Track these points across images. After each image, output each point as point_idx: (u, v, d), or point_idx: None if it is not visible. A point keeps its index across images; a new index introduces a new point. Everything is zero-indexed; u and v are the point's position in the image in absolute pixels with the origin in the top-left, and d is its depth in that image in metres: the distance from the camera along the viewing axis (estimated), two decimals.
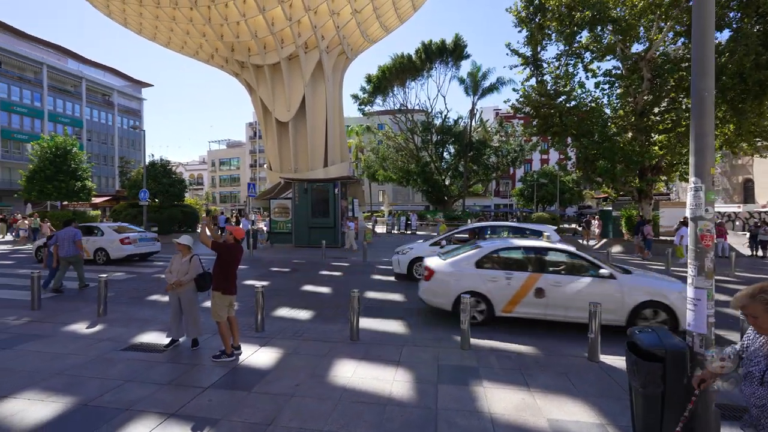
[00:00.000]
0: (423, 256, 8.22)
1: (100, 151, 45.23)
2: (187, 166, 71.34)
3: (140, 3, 24.01)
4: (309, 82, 27.21)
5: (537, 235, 8.64)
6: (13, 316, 6.10)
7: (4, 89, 36.63)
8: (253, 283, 8.99)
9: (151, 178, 19.12)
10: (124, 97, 49.73)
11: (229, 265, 4.41)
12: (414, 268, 9.11)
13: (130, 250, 11.72)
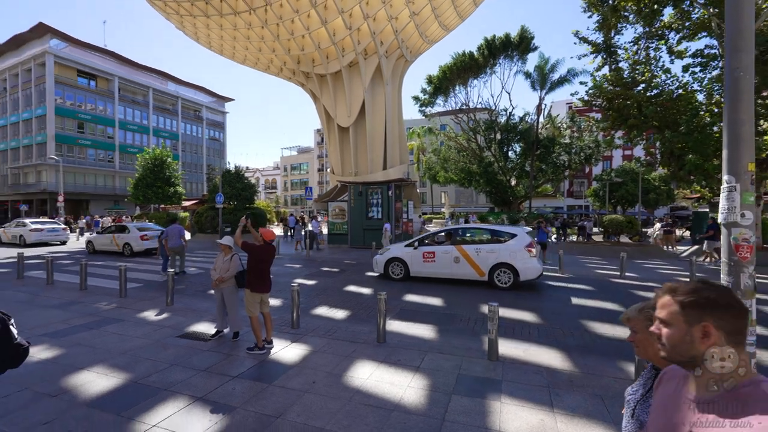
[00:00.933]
0: (398, 255, 9.46)
1: (191, 160, 51.52)
2: (263, 172, 77.71)
3: (221, 27, 26.85)
4: (368, 88, 27.90)
5: (508, 237, 8.64)
6: (105, 302, 7.25)
7: (121, 111, 43.69)
8: (302, 281, 9.52)
9: (227, 184, 21.31)
10: (210, 112, 56.10)
11: (258, 265, 4.73)
12: (390, 267, 9.60)
13: (148, 245, 14.45)
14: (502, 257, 8.32)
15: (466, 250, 8.71)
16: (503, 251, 8.37)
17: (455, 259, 8.78)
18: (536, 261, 8.31)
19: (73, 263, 12.62)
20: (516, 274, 8.17)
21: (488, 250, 8.54)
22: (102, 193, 42.33)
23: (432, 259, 9.06)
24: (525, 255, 8.17)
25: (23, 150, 40.53)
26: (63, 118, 39.07)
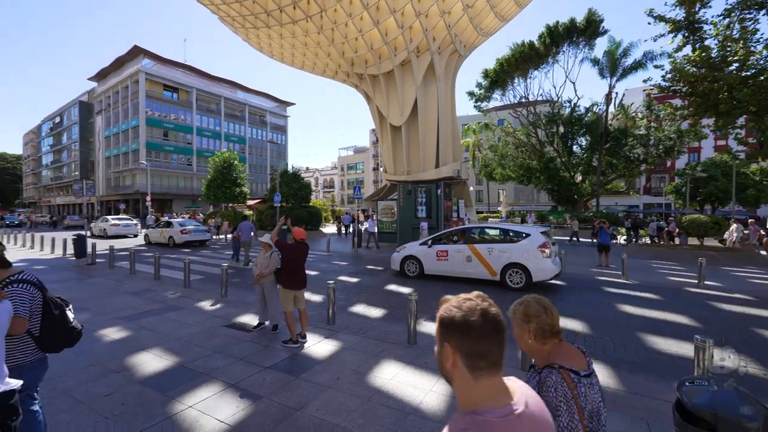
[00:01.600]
0: (413, 253, 9.69)
1: (257, 162, 55.46)
2: (321, 172, 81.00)
3: (281, 36, 28.50)
4: (421, 85, 27.68)
5: (521, 236, 8.45)
6: (172, 291, 8.11)
7: (198, 119, 48.46)
8: (345, 279, 9.76)
9: (284, 184, 22.61)
10: (273, 116, 59.90)
11: (289, 263, 4.95)
12: (405, 265, 9.85)
13: (187, 237, 17.49)
14: (514, 257, 8.20)
15: (478, 250, 8.65)
16: (515, 251, 8.24)
17: (467, 258, 8.75)
18: (550, 262, 8.01)
19: (150, 255, 14.32)
20: (528, 275, 7.99)
21: (500, 249, 8.43)
22: (183, 193, 47.35)
23: (445, 258, 9.11)
24: (538, 255, 7.96)
25: (122, 157, 46.86)
26: (152, 127, 44.43)
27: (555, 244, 8.88)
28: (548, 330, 1.40)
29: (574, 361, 1.38)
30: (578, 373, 1.33)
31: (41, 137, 69.96)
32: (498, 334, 0.92)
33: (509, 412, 0.87)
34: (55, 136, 64.55)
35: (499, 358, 0.92)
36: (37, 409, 2.60)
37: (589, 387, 1.33)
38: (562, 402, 1.25)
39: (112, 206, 47.35)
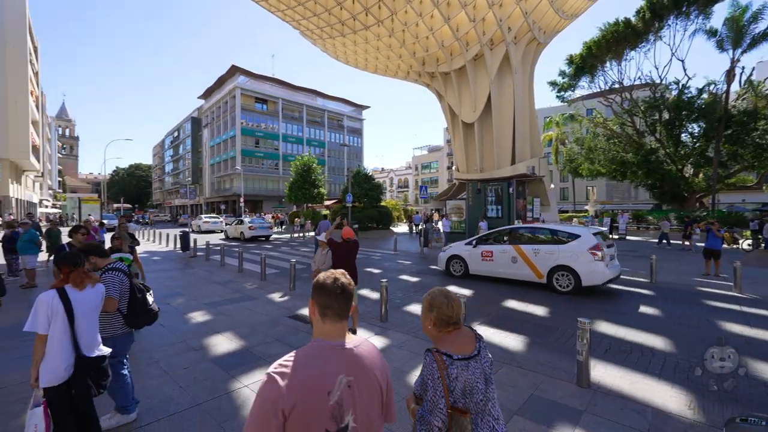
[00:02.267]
0: (458, 253, 9.66)
1: (335, 164, 58.62)
2: (396, 172, 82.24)
3: (354, 43, 29.74)
4: (495, 79, 26.46)
5: (570, 237, 7.99)
6: (250, 282, 9.08)
7: (284, 127, 53.05)
8: (406, 278, 9.84)
9: (356, 184, 23.57)
10: (350, 120, 62.71)
11: (339, 260, 5.19)
12: (451, 264, 9.83)
13: (253, 233, 21.15)
14: (561, 259, 7.82)
15: (523, 250, 8.43)
16: (563, 253, 7.83)
17: (512, 259, 8.57)
18: (602, 265, 7.47)
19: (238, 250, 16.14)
20: (577, 278, 7.55)
21: (547, 250, 8.09)
22: (272, 194, 52.33)
23: (490, 258, 9.00)
24: (588, 258, 7.51)
25: (223, 163, 53.57)
26: (246, 136, 49.96)
27: (612, 246, 8.22)
28: (446, 320, 1.61)
29: (457, 346, 1.57)
30: (451, 357, 1.52)
31: (164, 149, 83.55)
32: (340, 294, 1.30)
33: (340, 345, 1.26)
34: (174, 148, 76.54)
35: (342, 312, 1.30)
36: (125, 373, 3.19)
37: (463, 368, 1.51)
38: (429, 379, 1.50)
39: (216, 207, 54.47)
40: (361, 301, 7.32)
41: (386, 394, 1.34)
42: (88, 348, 2.57)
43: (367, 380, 1.27)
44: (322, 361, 1.21)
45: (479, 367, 1.55)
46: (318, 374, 1.18)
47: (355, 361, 1.26)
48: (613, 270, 7.69)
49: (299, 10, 27.73)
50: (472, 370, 1.52)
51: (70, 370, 2.48)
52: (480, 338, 1.65)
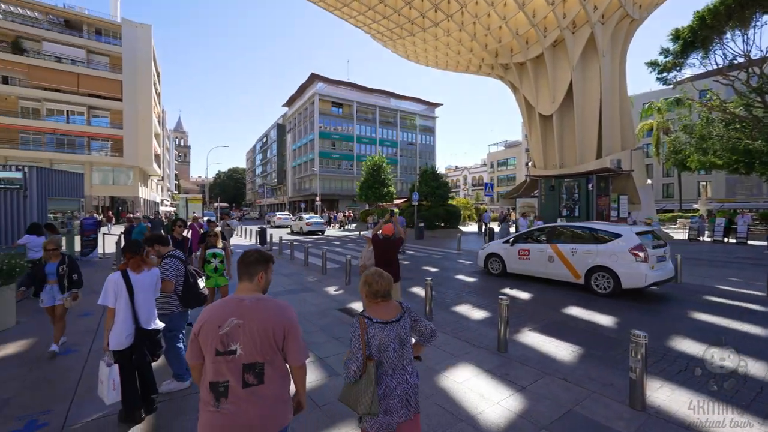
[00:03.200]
0: (496, 251, 9.68)
1: (407, 164, 59.07)
2: (470, 170, 79.81)
3: (424, 41, 29.62)
4: (577, 65, 24.09)
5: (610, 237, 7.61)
6: (312, 276, 9.70)
7: (357, 128, 55.18)
8: (462, 278, 9.55)
9: (423, 183, 23.44)
10: (422, 119, 62.55)
11: (379, 255, 5.27)
12: (489, 262, 9.92)
13: (309, 228, 24.69)
14: (600, 259, 7.50)
15: (561, 250, 8.18)
16: (602, 253, 7.50)
17: (549, 258, 8.37)
18: (645, 267, 7.00)
19: (309, 246, 17.28)
20: (617, 280, 7.19)
21: (585, 250, 7.79)
22: (346, 194, 54.84)
23: (527, 257, 8.89)
24: (629, 259, 7.10)
25: (303, 165, 57.76)
26: (323, 139, 53.13)
27: (662, 247, 7.62)
28: (374, 293, 2.06)
29: (380, 314, 2.03)
30: (372, 320, 1.99)
31: (255, 153, 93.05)
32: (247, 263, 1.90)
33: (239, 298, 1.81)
34: (263, 152, 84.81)
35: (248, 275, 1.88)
36: (181, 346, 3.70)
37: (379, 329, 1.96)
38: (352, 336, 1.99)
39: (296, 205, 58.96)
40: (411, 299, 7.33)
41: (281, 340, 1.76)
42: (145, 321, 3.06)
43: (254, 324, 1.71)
44: (222, 308, 1.77)
45: (395, 331, 1.99)
46: (215, 315, 1.74)
47: (248, 311, 1.74)
48: (659, 272, 7.18)
49: (369, 14, 28.52)
50: (388, 332, 1.97)
51: (131, 338, 2.99)
52: (406, 310, 2.12)
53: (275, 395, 1.74)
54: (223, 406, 1.66)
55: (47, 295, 4.57)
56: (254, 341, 1.70)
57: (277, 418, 1.74)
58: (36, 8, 34.38)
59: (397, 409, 1.93)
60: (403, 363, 2.02)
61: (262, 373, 1.72)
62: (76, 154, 34.95)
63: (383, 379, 1.95)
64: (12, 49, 32.53)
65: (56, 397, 3.53)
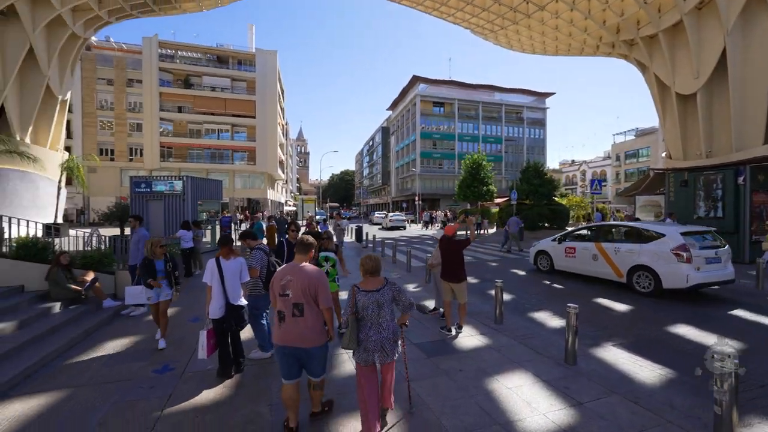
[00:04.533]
0: (545, 249, 10.02)
1: (513, 160, 55.48)
2: (589, 164, 70.60)
3: (529, 28, 27.57)
4: (734, 28, 19.23)
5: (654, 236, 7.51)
6: (396, 272, 10.19)
7: (459, 126, 54.24)
8: (551, 284, 8.80)
9: (524, 181, 21.79)
10: (531, 111, 57.87)
11: (444, 255, 5.35)
12: (538, 259, 10.27)
13: (392, 224, 28.40)
14: (641, 259, 7.53)
15: (604, 248, 8.30)
16: (644, 252, 7.52)
17: (593, 257, 8.54)
18: (688, 268, 6.90)
19: (401, 244, 17.89)
20: (657, 280, 7.19)
21: (627, 249, 7.86)
22: (448, 193, 54.45)
23: (573, 255, 9.11)
24: (671, 259, 7.06)
25: (405, 166, 59.49)
26: (425, 140, 53.81)
27: (719, 248, 7.28)
28: (366, 271, 2.99)
29: (367, 285, 2.95)
30: (359, 289, 2.94)
31: (363, 156, 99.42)
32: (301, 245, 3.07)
33: (296, 265, 2.95)
34: (369, 155, 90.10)
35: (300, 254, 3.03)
36: (264, 322, 4.51)
37: (363, 295, 2.90)
38: (348, 299, 2.95)
39: (399, 205, 61.03)
40: (487, 302, 7.16)
41: (314, 292, 2.84)
42: (232, 298, 3.89)
43: (299, 280, 2.83)
44: (284, 270, 2.95)
45: (374, 298, 2.87)
46: (279, 274, 2.94)
47: (297, 272, 2.87)
48: (707, 274, 6.95)
49: (468, 9, 27.91)
50: (369, 297, 2.88)
51: (222, 310, 3.84)
52: (389, 285, 2.97)
53: (311, 324, 2.83)
54: (282, 325, 2.85)
55: (155, 291, 4.89)
56: (298, 290, 2.80)
57: (312, 338, 2.84)
58: (198, 50, 43.45)
59: (373, 350, 2.81)
60: (379, 320, 2.85)
61: (303, 310, 2.82)
62: (224, 164, 42.95)
63: (363, 328, 2.86)
64: (184, 84, 41.83)
65: (183, 352, 4.70)
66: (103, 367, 4.32)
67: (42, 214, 15.76)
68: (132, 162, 41.19)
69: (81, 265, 6.86)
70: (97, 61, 40.63)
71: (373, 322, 2.83)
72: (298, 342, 2.80)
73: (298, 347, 2.81)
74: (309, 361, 2.87)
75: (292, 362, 2.85)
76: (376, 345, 2.80)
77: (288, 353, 2.83)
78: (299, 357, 2.84)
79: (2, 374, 3.89)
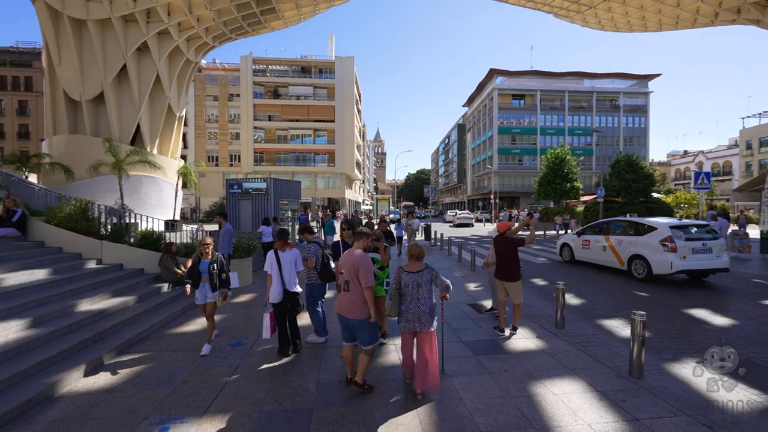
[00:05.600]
0: (567, 241, 11.41)
1: (606, 153, 49.63)
2: (707, 155, 59.87)
3: (623, 3, 24.52)
4: None
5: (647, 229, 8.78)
6: (460, 271, 10.04)
7: (541, 119, 50.43)
8: (637, 292, 7.85)
9: (615, 176, 19.34)
10: (629, 97, 50.98)
11: (498, 254, 5.18)
12: (562, 251, 11.64)
13: (459, 221, 31.08)
14: (637, 249, 8.78)
15: (611, 240, 9.60)
16: (639, 243, 8.77)
17: (603, 248, 9.85)
18: (672, 256, 8.01)
19: (472, 243, 17.38)
20: (649, 267, 8.41)
21: (627, 241, 9.14)
22: (529, 191, 51.10)
23: (588, 247, 10.45)
24: (659, 249, 8.24)
25: (481, 163, 57.34)
26: (502, 135, 51.18)
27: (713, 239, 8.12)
28: (411, 256, 3.64)
29: (409, 267, 3.59)
30: (403, 270, 3.58)
31: (438, 155, 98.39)
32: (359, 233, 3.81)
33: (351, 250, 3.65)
34: (444, 153, 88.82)
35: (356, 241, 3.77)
36: (319, 309, 4.92)
37: (405, 276, 3.53)
38: (393, 276, 3.99)
39: (475, 204, 59.07)
40: (552, 305, 6.69)
41: (357, 272, 3.39)
42: (288, 285, 4.35)
43: (349, 262, 3.47)
44: (344, 254, 3.72)
45: (414, 278, 3.49)
46: (342, 258, 3.72)
47: (349, 256, 3.54)
48: (691, 262, 7.93)
49: None
50: (410, 277, 3.50)
51: (280, 296, 4.33)
52: (428, 269, 3.58)
53: (353, 298, 3.45)
54: (338, 297, 3.62)
55: (200, 292, 4.66)
56: (348, 269, 3.48)
57: (354, 310, 3.44)
58: (285, 63, 47.69)
59: (411, 320, 3.45)
60: (417, 296, 3.46)
61: (350, 285, 3.47)
62: (307, 166, 46.44)
63: (404, 302, 3.52)
64: (273, 95, 46.32)
65: (254, 331, 5.38)
66: (192, 337, 5.19)
67: (164, 212, 19.00)
68: (231, 167, 46.94)
69: (184, 254, 8.20)
70: (206, 80, 47.22)
71: (412, 297, 3.46)
72: (346, 312, 3.45)
73: (347, 317, 3.46)
74: (355, 330, 3.49)
75: (345, 328, 3.59)
76: (415, 316, 3.42)
77: (341, 320, 3.57)
78: (349, 325, 3.50)
79: (126, 335, 4.96)
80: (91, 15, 17.10)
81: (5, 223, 6.97)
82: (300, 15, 22.88)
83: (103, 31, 17.73)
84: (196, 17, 19.00)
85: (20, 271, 5.67)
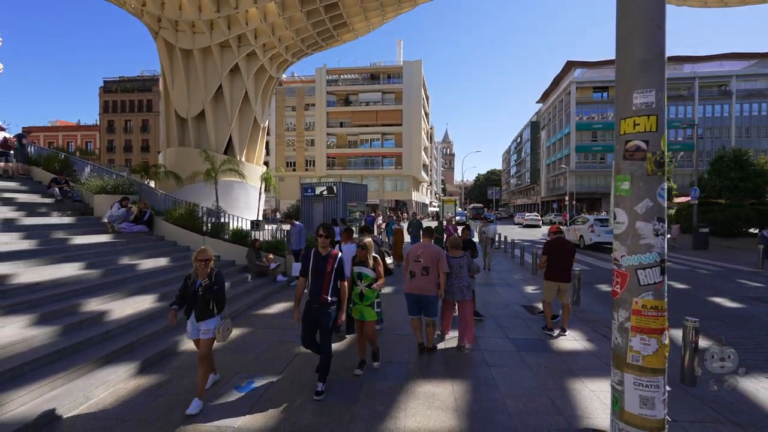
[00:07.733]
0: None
1: (713, 147, 42.92)
2: None
3: None
4: None
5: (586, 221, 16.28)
6: (520, 274, 9.96)
7: None
8: (723, 301, 7.13)
9: (715, 174, 16.83)
10: (744, 80, 43.41)
11: (551, 258, 5.32)
12: None
13: (527, 222, 34.97)
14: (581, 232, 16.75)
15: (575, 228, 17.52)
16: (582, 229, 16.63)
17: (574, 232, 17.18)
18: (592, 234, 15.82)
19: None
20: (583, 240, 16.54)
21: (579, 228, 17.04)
22: (611, 192, 46.48)
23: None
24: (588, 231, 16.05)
25: (556, 162, 53.59)
26: (581, 131, 47.30)
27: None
28: (451, 246, 5.00)
29: (453, 254, 4.87)
30: (449, 255, 4.82)
31: (510, 154, 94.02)
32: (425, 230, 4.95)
33: (425, 244, 4.66)
34: (517, 153, 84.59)
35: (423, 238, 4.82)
36: None
37: (450, 259, 4.75)
38: (441, 257, 4.54)
39: (549, 206, 55.40)
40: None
41: (437, 260, 4.45)
42: (347, 273, 5.04)
43: (428, 253, 4.49)
44: (418, 246, 4.66)
45: (456, 262, 4.75)
46: (414, 249, 4.64)
47: (426, 248, 4.55)
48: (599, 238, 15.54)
49: None
50: (454, 261, 4.75)
51: None
52: (465, 256, 4.90)
53: (432, 279, 4.43)
54: (412, 280, 4.49)
55: (192, 324, 3.45)
56: (428, 259, 4.42)
57: (430, 288, 4.43)
58: (355, 72, 50.09)
59: (456, 292, 4.70)
60: (460, 274, 4.72)
61: (429, 271, 4.42)
62: (375, 169, 48.16)
63: (450, 279, 4.65)
64: (344, 103, 48.98)
65: None
66: (271, 318, 6.20)
67: (250, 212, 21.57)
68: (307, 171, 50.67)
69: (266, 249, 9.52)
70: (285, 93, 51.73)
71: (456, 275, 4.70)
72: (424, 291, 4.44)
73: (422, 295, 4.45)
74: (426, 305, 4.50)
75: (414, 305, 4.56)
76: (457, 290, 4.70)
77: (414, 299, 4.52)
78: (420, 301, 4.50)
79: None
80: (197, 45, 20.21)
81: (139, 222, 8.88)
82: (369, 26, 24.10)
83: (204, 58, 20.81)
84: (278, 38, 21.24)
85: (149, 259, 7.28)
